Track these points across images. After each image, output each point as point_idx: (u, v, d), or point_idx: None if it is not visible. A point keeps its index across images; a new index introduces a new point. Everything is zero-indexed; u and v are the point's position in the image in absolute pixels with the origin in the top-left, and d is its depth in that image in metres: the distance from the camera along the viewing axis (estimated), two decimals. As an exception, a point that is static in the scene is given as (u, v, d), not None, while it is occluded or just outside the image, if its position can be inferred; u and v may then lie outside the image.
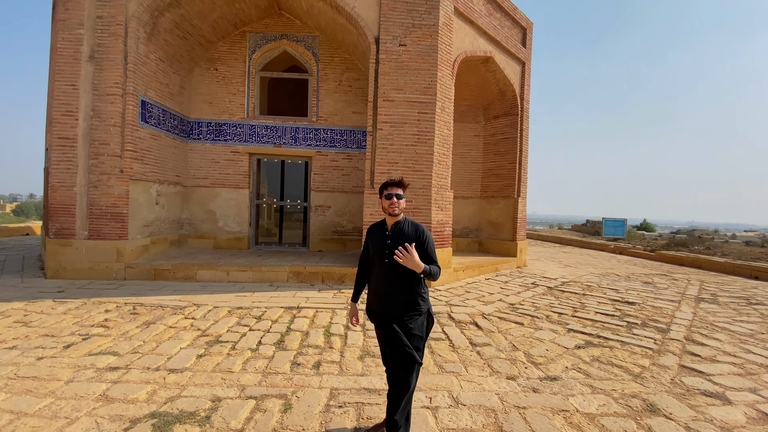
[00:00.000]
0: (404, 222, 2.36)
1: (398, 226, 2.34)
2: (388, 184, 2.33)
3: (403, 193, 2.33)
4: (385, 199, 2.31)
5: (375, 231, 2.42)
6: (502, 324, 4.78)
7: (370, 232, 2.45)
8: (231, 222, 8.81)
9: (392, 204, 2.28)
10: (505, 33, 8.79)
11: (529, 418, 2.66)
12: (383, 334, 2.30)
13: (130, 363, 3.31)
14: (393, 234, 2.31)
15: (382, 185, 2.36)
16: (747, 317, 5.59)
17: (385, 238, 2.32)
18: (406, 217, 2.39)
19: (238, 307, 5.06)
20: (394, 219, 2.34)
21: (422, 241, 2.30)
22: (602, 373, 3.47)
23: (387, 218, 2.37)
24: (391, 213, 2.31)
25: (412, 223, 2.37)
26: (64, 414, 2.52)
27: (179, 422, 2.45)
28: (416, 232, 2.31)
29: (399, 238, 2.27)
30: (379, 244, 2.34)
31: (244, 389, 2.91)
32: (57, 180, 6.45)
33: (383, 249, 2.30)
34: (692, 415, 2.79)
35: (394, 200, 2.28)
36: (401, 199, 2.31)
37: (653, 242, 17.10)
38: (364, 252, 2.49)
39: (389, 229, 2.34)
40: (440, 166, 7.07)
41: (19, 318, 4.44)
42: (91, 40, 6.52)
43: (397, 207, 2.30)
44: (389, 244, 2.28)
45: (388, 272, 2.27)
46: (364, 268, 2.50)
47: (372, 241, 2.40)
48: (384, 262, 2.29)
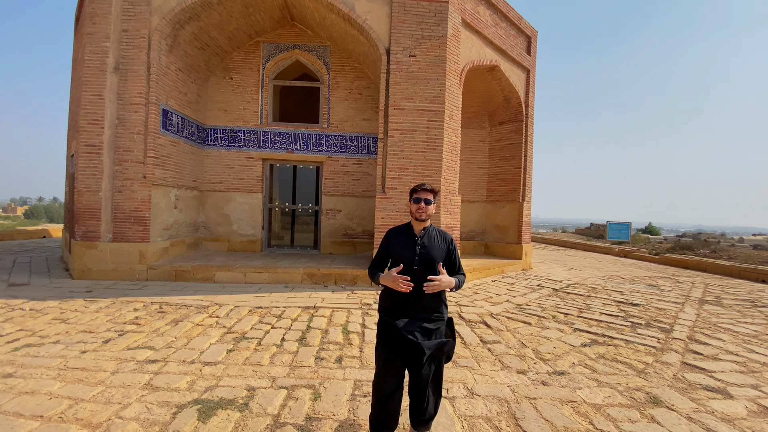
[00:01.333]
0: (431, 229, 2.33)
1: (426, 232, 2.30)
2: (418, 189, 2.28)
3: (433, 200, 2.27)
4: (413, 203, 2.27)
5: (399, 235, 2.33)
6: (510, 323, 5.00)
7: (392, 236, 2.35)
8: (245, 225, 9.10)
9: (420, 209, 2.24)
10: (510, 42, 9.05)
11: (540, 407, 2.88)
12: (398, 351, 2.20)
13: (167, 356, 3.57)
14: (422, 240, 2.26)
15: (412, 189, 2.31)
16: (751, 319, 5.75)
17: (413, 244, 2.26)
18: (432, 224, 2.37)
19: (258, 306, 5.32)
20: (422, 224, 2.29)
21: (451, 251, 2.30)
22: (607, 368, 3.68)
23: (414, 223, 2.31)
24: (418, 218, 2.26)
25: (439, 230, 2.36)
26: (116, 400, 2.78)
27: (221, 408, 2.71)
28: (444, 240, 2.31)
29: (428, 245, 2.25)
30: (407, 249, 2.26)
31: (275, 380, 3.17)
32: (83, 185, 6.77)
33: (413, 255, 2.23)
34: (694, 407, 3.00)
35: (422, 205, 2.24)
36: (429, 204, 2.25)
37: (658, 246, 17.21)
38: (381, 254, 2.39)
39: (418, 235, 2.29)
40: (448, 171, 7.32)
41: (56, 315, 4.72)
42: (116, 52, 6.85)
43: (425, 212, 2.25)
44: (420, 251, 2.23)
45: (415, 279, 2.17)
46: (376, 268, 2.39)
47: (396, 245, 2.30)
48: (413, 269, 2.21)
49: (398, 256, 2.27)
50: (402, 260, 2.23)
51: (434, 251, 2.24)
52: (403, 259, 2.23)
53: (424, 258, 2.22)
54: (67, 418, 2.56)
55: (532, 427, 2.60)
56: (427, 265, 2.22)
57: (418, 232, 2.30)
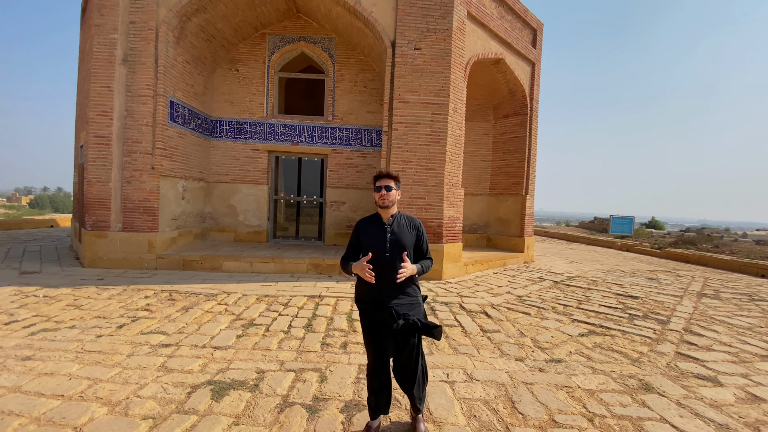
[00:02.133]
0: (399, 216, 2.38)
1: (395, 219, 2.35)
2: (379, 177, 2.32)
3: (394, 186, 2.30)
4: (375, 191, 2.30)
5: (369, 225, 2.37)
6: (510, 314, 5.13)
7: (361, 226, 2.38)
8: (251, 216, 9.23)
9: (382, 196, 2.28)
10: (515, 35, 9.03)
11: (536, 391, 3.01)
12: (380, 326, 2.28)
13: (179, 341, 3.73)
14: (392, 228, 2.31)
15: (374, 177, 2.35)
16: (747, 312, 5.84)
17: (384, 232, 2.30)
18: (399, 211, 2.41)
19: (264, 295, 5.48)
20: (389, 212, 2.33)
21: (420, 235, 2.37)
22: (603, 357, 3.80)
23: (381, 211, 2.34)
24: (382, 205, 2.30)
25: (406, 216, 2.41)
26: (133, 380, 2.94)
27: (233, 388, 2.86)
28: (413, 226, 2.37)
29: (398, 232, 2.30)
30: (377, 238, 2.30)
31: (283, 364, 3.31)
32: (93, 176, 6.91)
33: (384, 242, 2.28)
34: (684, 394, 3.12)
35: (383, 192, 2.27)
36: (390, 190, 2.27)
37: (661, 240, 17.23)
38: (353, 245, 2.41)
39: (387, 223, 2.34)
40: (452, 164, 7.39)
41: (70, 302, 4.89)
42: (124, 44, 6.93)
43: (387, 199, 2.27)
44: (391, 238, 2.28)
45: (388, 266, 2.24)
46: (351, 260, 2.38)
47: (367, 235, 2.34)
48: (385, 257, 2.26)
49: (369, 245, 2.29)
50: (373, 249, 2.26)
51: (404, 238, 2.30)
52: (374, 248, 2.26)
53: (394, 245, 2.27)
54: (87, 396, 2.71)
55: (528, 410, 2.74)
56: (399, 251, 2.27)
57: (386, 220, 2.34)
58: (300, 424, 2.46)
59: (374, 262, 2.22)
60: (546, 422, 2.60)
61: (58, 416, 2.45)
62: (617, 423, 2.63)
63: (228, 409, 2.59)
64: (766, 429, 2.65)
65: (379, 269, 2.22)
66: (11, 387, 2.80)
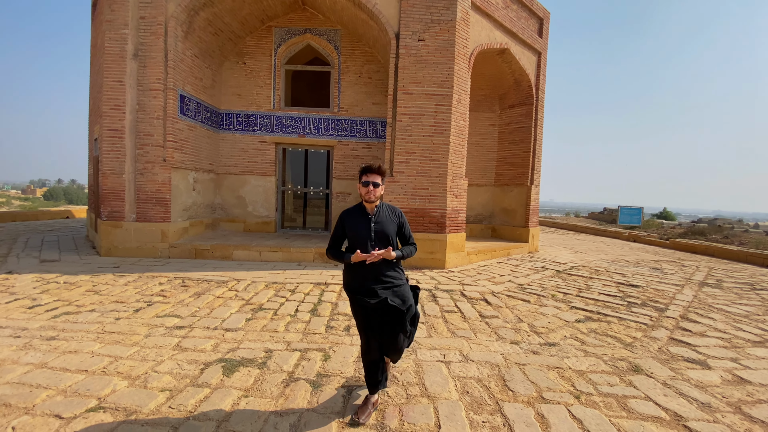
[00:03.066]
0: (382, 206, 2.51)
1: (379, 209, 2.47)
2: (366, 171, 2.39)
3: (381, 182, 2.40)
4: (362, 186, 2.39)
5: (353, 215, 2.48)
6: (509, 301, 5.27)
7: (346, 217, 2.49)
8: (259, 207, 9.46)
9: (368, 192, 2.37)
10: (521, 24, 9.00)
11: (528, 372, 3.17)
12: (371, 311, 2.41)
13: (192, 323, 3.96)
14: (376, 218, 2.44)
15: (361, 171, 2.43)
16: (747, 300, 5.89)
17: (368, 222, 2.42)
18: (381, 201, 2.53)
19: (273, 282, 5.70)
20: (373, 205, 2.45)
21: (401, 223, 2.52)
22: (597, 341, 3.94)
23: (366, 205, 2.46)
24: (367, 200, 2.40)
25: (388, 206, 2.54)
26: (151, 358, 3.17)
27: (243, 366, 3.07)
28: (395, 214, 2.51)
29: (382, 222, 2.44)
30: (362, 228, 2.42)
31: (290, 344, 3.52)
32: (108, 168, 7.16)
33: (368, 232, 2.40)
34: (671, 375, 3.25)
35: (370, 188, 2.36)
36: (378, 187, 2.38)
37: (670, 231, 17.10)
38: (338, 236, 2.50)
39: (371, 213, 2.45)
40: (455, 155, 7.48)
41: (89, 288, 5.17)
42: (134, 39, 7.11)
43: (373, 195, 2.38)
44: (375, 227, 2.41)
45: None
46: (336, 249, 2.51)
47: (352, 225, 2.44)
48: (370, 245, 2.39)
49: (355, 235, 2.42)
50: (359, 238, 2.40)
51: (387, 226, 2.43)
52: (359, 237, 2.40)
53: (379, 234, 2.41)
54: (109, 372, 2.95)
55: (518, 387, 2.90)
56: (383, 239, 2.42)
57: (371, 211, 2.46)
58: (304, 396, 2.66)
59: (360, 250, 2.33)
60: (534, 398, 2.76)
61: (83, 388, 2.69)
62: (602, 400, 2.78)
63: (238, 383, 2.80)
64: (747, 408, 2.77)
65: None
66: (38, 363, 3.04)
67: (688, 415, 2.64)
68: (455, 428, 2.37)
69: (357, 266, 2.39)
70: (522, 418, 2.51)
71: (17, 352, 3.21)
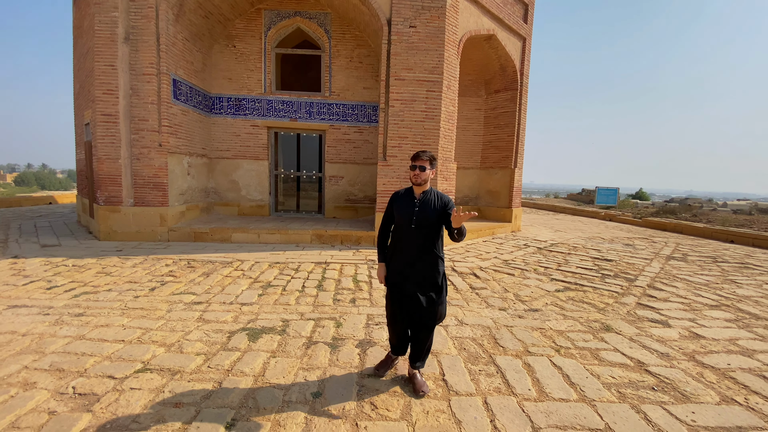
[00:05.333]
0: (430, 192, 2.57)
1: (426, 195, 2.55)
2: (416, 156, 2.52)
3: (428, 166, 2.51)
4: (410, 169, 2.53)
5: (401, 198, 2.61)
6: (496, 275, 5.76)
7: (395, 199, 2.64)
8: (253, 191, 9.64)
9: (415, 175, 2.51)
10: (507, 10, 9.25)
11: (515, 332, 3.65)
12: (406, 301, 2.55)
13: (208, 299, 4.27)
14: (421, 202, 2.53)
15: (412, 156, 2.55)
16: (708, 271, 6.55)
17: (413, 206, 2.53)
18: (432, 188, 2.60)
19: (275, 262, 6.02)
20: (421, 188, 2.54)
21: (448, 208, 2.52)
22: (574, 307, 4.45)
23: (414, 187, 2.57)
24: (415, 183, 2.52)
25: (437, 193, 2.59)
26: (179, 329, 3.49)
27: (265, 333, 3.43)
28: (441, 200, 2.55)
29: (426, 207, 2.50)
30: (407, 210, 2.53)
31: (303, 315, 3.89)
32: (103, 153, 7.21)
33: (411, 215, 2.50)
34: (636, 332, 3.78)
35: (417, 171, 2.50)
36: (424, 171, 2.49)
37: (644, 210, 18.05)
38: (387, 216, 2.68)
39: (417, 197, 2.56)
40: (445, 140, 7.82)
41: (99, 270, 5.38)
42: (125, 22, 7.06)
43: (420, 178, 2.50)
44: (417, 211, 2.50)
45: (413, 237, 2.49)
46: (386, 230, 2.70)
47: (398, 207, 2.58)
48: (411, 228, 2.49)
49: (399, 217, 2.57)
50: (402, 220, 2.55)
51: (429, 212, 2.50)
52: (402, 220, 2.55)
53: (420, 218, 2.49)
54: (144, 341, 3.26)
55: (507, 344, 3.36)
56: (423, 224, 2.49)
57: (417, 195, 2.57)
58: (325, 355, 3.05)
59: (402, 233, 2.54)
60: (521, 352, 3.23)
61: (125, 354, 3.00)
62: (578, 352, 3.27)
63: (264, 347, 3.16)
64: (699, 357, 3.31)
65: (405, 239, 2.53)
66: (75, 336, 3.32)
67: (649, 362, 3.16)
68: (457, 375, 2.81)
69: (399, 249, 2.55)
70: (512, 366, 2.97)
71: (52, 327, 3.48)
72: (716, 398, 2.65)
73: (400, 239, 2.57)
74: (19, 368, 2.78)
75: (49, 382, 2.62)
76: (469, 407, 2.44)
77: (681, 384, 2.81)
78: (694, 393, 2.70)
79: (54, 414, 2.29)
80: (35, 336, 3.29)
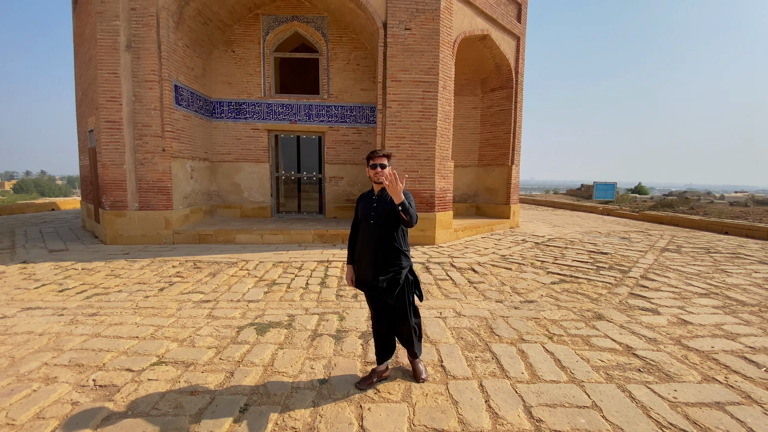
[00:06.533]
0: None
1: (384, 192, 2.58)
2: (373, 155, 2.53)
3: (388, 163, 2.54)
4: (370, 168, 2.54)
5: (364, 198, 2.69)
6: (494, 269, 5.93)
7: (359, 200, 2.71)
8: (254, 193, 9.81)
9: (377, 173, 2.50)
10: (501, 10, 9.41)
11: (510, 322, 3.81)
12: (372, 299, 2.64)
13: (216, 298, 4.44)
14: (379, 198, 2.59)
15: (368, 155, 2.56)
16: (701, 262, 6.71)
17: (371, 202, 2.60)
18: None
19: (279, 261, 6.18)
20: (380, 186, 2.57)
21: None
22: (568, 298, 4.62)
23: (375, 185, 2.62)
24: (376, 181, 2.54)
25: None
26: (189, 325, 3.66)
27: (272, 327, 3.60)
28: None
29: (383, 202, 2.56)
30: (366, 208, 2.61)
31: (308, 310, 4.06)
32: (107, 159, 7.38)
33: (369, 211, 2.57)
34: (627, 320, 3.94)
35: (378, 169, 2.50)
36: (384, 168, 2.51)
37: (642, 204, 18.21)
38: (355, 217, 2.75)
39: (376, 194, 2.62)
40: (442, 139, 7.99)
41: (108, 273, 5.55)
42: (126, 30, 7.23)
43: (380, 175, 2.50)
44: (375, 206, 2.56)
45: (373, 232, 2.53)
46: (355, 232, 2.74)
47: (361, 206, 2.66)
48: (369, 224, 2.55)
49: (361, 215, 2.65)
50: (364, 217, 2.61)
51: (386, 206, 2.53)
52: (364, 216, 2.61)
53: (377, 213, 2.54)
54: (157, 337, 3.43)
55: (503, 333, 3.53)
56: (381, 217, 2.52)
57: (377, 192, 2.63)
58: (330, 346, 3.22)
59: (363, 229, 2.61)
60: (516, 340, 3.40)
61: (141, 349, 3.17)
62: (571, 339, 3.44)
63: (272, 340, 3.33)
64: (685, 341, 3.48)
65: (366, 235, 2.58)
66: (91, 334, 3.49)
67: (637, 346, 3.33)
68: (454, 361, 2.98)
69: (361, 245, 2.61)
70: (507, 353, 3.14)
71: (68, 326, 3.65)
72: (698, 377, 2.81)
73: (362, 236, 2.61)
74: (39, 365, 2.94)
75: (70, 376, 2.78)
76: (466, 389, 2.61)
77: (666, 365, 2.98)
78: (677, 373, 2.87)
79: (77, 404, 2.46)
80: (52, 335, 3.46)
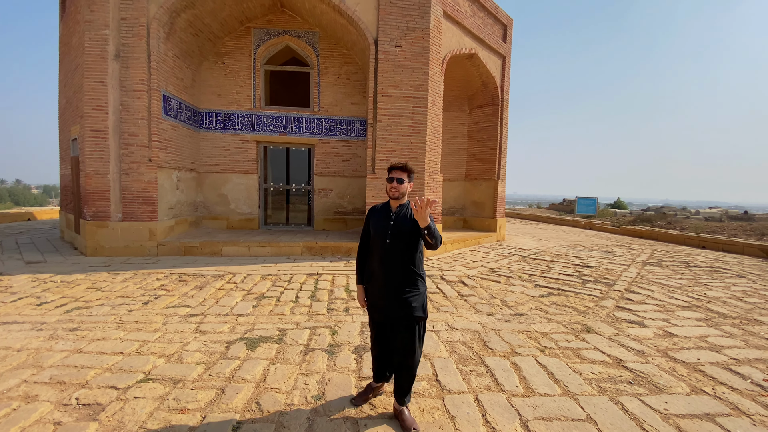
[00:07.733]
0: (407, 205, 2.39)
1: (402, 209, 2.37)
2: (392, 168, 2.35)
3: (406, 179, 2.33)
4: (387, 182, 2.36)
5: (377, 212, 2.44)
6: (483, 282, 5.97)
7: (371, 214, 2.47)
8: (242, 204, 9.70)
9: (393, 188, 2.33)
10: (487, 30, 9.73)
11: (502, 335, 3.84)
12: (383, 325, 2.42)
13: (204, 311, 4.33)
14: (396, 216, 2.35)
15: (389, 168, 2.38)
16: (681, 275, 6.93)
17: (388, 220, 2.35)
18: (410, 201, 2.34)
19: (267, 274, 6.09)
20: (398, 202, 2.37)
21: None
22: (557, 311, 4.68)
23: (391, 201, 2.39)
24: (392, 196, 2.35)
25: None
26: (176, 340, 3.55)
27: (262, 342, 3.52)
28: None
29: (401, 220, 2.32)
30: (381, 225, 2.36)
31: (299, 324, 4.00)
32: (91, 168, 7.21)
33: (386, 230, 2.33)
34: (615, 332, 4.02)
35: (395, 184, 2.32)
36: (402, 183, 2.31)
37: (622, 219, 18.74)
38: (365, 232, 2.50)
39: (393, 211, 2.38)
40: (431, 153, 8.11)
41: (89, 285, 5.36)
42: (116, 40, 7.17)
43: (397, 191, 2.31)
44: (392, 225, 2.32)
45: (389, 252, 2.30)
46: (365, 249, 2.50)
47: (374, 222, 2.41)
48: (386, 243, 2.31)
49: (375, 232, 2.40)
50: (377, 235, 2.37)
51: (405, 226, 2.31)
52: (377, 235, 2.36)
53: (395, 231, 2.31)
54: (143, 352, 3.31)
55: (496, 346, 3.55)
56: (399, 237, 2.30)
57: (394, 209, 2.39)
58: (323, 361, 3.17)
59: (377, 248, 2.36)
60: (509, 353, 3.42)
61: (126, 366, 3.05)
62: (562, 352, 3.48)
63: (263, 355, 3.26)
64: (672, 353, 3.56)
65: (382, 255, 2.33)
66: (73, 349, 3.35)
67: (626, 358, 3.39)
68: (449, 375, 2.97)
69: (376, 266, 2.38)
70: (500, 366, 3.15)
71: (47, 341, 3.49)
72: (687, 389, 2.88)
73: (377, 255, 2.37)
74: (18, 382, 2.80)
75: (51, 394, 2.66)
76: (462, 404, 2.60)
77: (655, 377, 3.04)
78: (666, 385, 2.93)
79: (60, 424, 2.35)
80: (31, 351, 3.31)
